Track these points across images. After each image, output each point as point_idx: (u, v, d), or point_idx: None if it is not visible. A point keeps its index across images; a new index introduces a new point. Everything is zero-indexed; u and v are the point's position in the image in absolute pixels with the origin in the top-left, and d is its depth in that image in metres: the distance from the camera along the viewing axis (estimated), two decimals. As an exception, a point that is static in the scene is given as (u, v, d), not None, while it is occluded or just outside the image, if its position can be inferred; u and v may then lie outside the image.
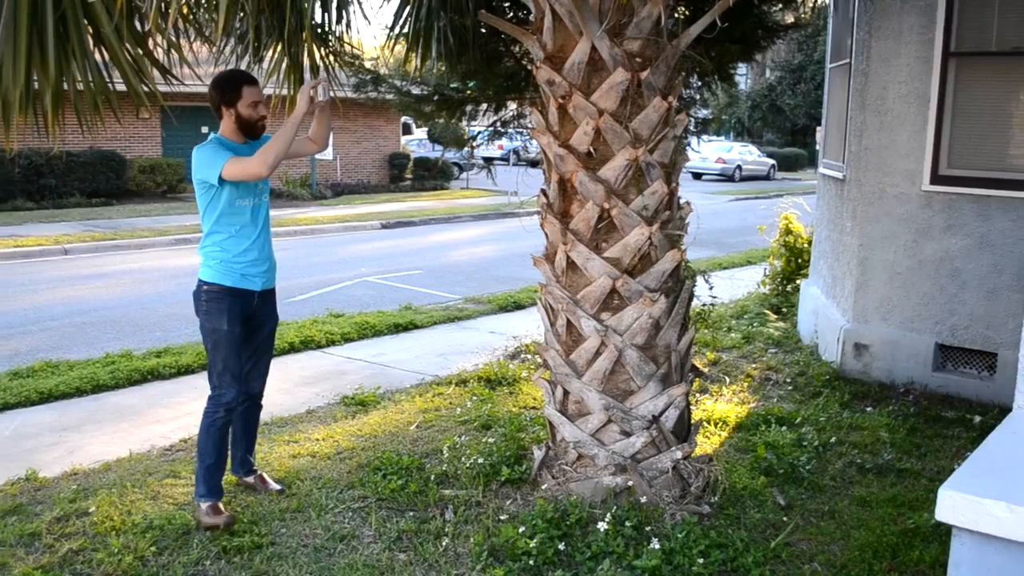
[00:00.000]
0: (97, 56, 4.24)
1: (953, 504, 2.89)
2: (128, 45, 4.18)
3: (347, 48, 6.03)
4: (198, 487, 4.55)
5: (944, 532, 4.00)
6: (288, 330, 8.58)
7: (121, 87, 4.41)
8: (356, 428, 5.95)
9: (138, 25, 4.61)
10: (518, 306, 10.45)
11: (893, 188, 6.83)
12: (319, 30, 5.58)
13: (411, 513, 4.58)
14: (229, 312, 4.45)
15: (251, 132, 4.50)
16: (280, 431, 5.91)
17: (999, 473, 3.07)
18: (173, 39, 4.75)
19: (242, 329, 4.54)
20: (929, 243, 6.69)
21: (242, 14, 4.87)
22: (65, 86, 4.10)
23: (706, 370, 7.23)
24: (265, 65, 5.46)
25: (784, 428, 5.81)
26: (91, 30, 4.14)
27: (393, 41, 6.21)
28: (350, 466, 5.23)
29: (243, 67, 5.30)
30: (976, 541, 2.89)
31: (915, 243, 6.76)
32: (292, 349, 8.21)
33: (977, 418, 6.07)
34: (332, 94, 4.68)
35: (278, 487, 4.92)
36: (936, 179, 6.63)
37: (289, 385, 7.10)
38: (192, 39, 5.12)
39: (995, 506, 2.80)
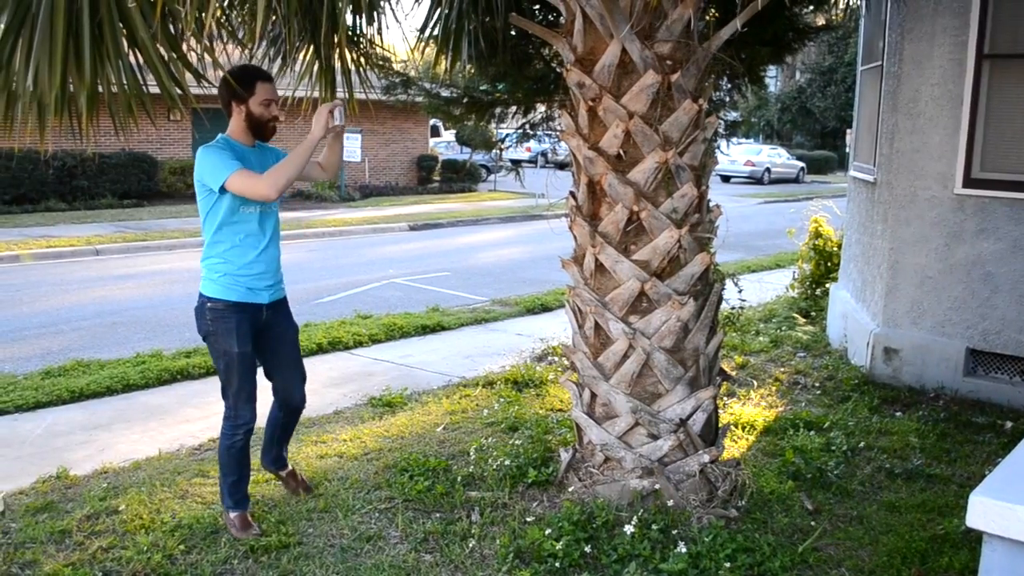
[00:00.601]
0: (132, 59, 4.28)
1: (984, 510, 2.86)
2: (162, 48, 4.21)
3: (377, 50, 6.06)
4: (224, 498, 4.45)
5: (974, 538, 3.96)
6: (316, 331, 8.63)
7: (154, 89, 4.43)
8: (383, 429, 5.97)
9: (171, 28, 4.66)
10: (545, 308, 10.45)
11: (925, 191, 6.77)
12: (350, 33, 5.61)
13: (437, 514, 4.59)
14: (238, 331, 4.18)
15: (261, 133, 4.27)
16: (308, 432, 5.94)
17: (1031, 480, 3.03)
18: (207, 43, 4.78)
19: (254, 345, 4.30)
20: (961, 247, 6.63)
21: (274, 17, 4.90)
22: (100, 88, 4.15)
23: (734, 374, 7.20)
24: (297, 68, 5.49)
25: (812, 432, 5.77)
26: (126, 32, 4.18)
27: (423, 43, 6.22)
28: (377, 467, 5.25)
29: (274, 70, 5.34)
30: (1007, 547, 2.86)
31: (947, 247, 6.70)
32: (320, 350, 8.24)
33: (1009, 424, 6.02)
34: (346, 117, 4.46)
35: (308, 485, 4.90)
36: (969, 182, 6.57)
37: (317, 386, 7.12)
38: (225, 41, 5.16)
39: (1028, 513, 2.77)
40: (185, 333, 9.22)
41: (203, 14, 4.08)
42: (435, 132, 35.11)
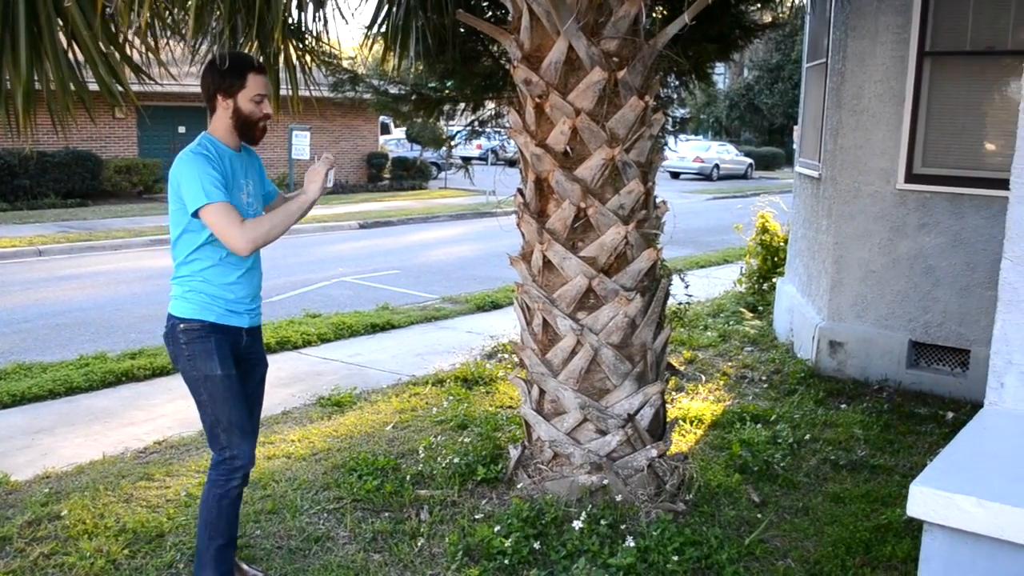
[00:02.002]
0: (72, 55, 4.20)
1: (924, 499, 2.91)
2: (102, 44, 4.13)
3: (324, 47, 6.01)
4: (204, 569, 3.73)
5: (916, 527, 4.03)
6: (264, 331, 8.52)
7: (95, 87, 4.34)
8: (332, 429, 5.93)
9: (112, 25, 4.58)
10: (496, 305, 10.45)
11: (868, 187, 6.87)
12: (295, 29, 5.55)
13: (386, 514, 4.57)
14: (219, 351, 3.59)
15: (249, 134, 3.65)
16: (256, 432, 5.87)
17: (969, 469, 3.09)
18: (147, 38, 4.70)
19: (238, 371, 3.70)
20: (903, 241, 6.74)
21: (217, 13, 4.83)
22: (38, 85, 4.07)
23: (682, 368, 7.25)
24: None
25: (759, 426, 5.84)
26: (64, 28, 4.10)
27: (371, 40, 6.18)
28: (325, 467, 5.21)
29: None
30: (947, 536, 2.91)
31: (890, 241, 6.80)
32: (268, 350, 8.07)
33: (950, 414, 6.13)
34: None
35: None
36: (911, 177, 6.68)
37: (265, 387, 7.05)
38: (167, 38, 5.08)
39: (965, 501, 2.81)
40: (131, 334, 9.09)
41: (141, 10, 4.01)
42: (385, 130, 34.98)
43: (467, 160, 30.16)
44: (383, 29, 6.04)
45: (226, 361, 3.61)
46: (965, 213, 6.46)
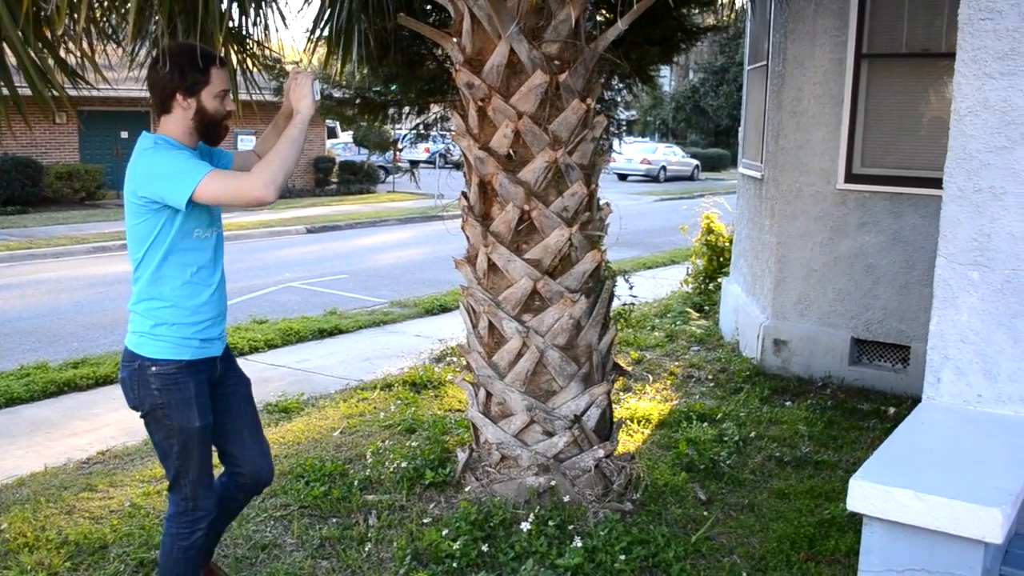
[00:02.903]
0: (6, 60, 4.12)
1: (863, 494, 2.97)
2: (31, 50, 4.06)
3: (266, 51, 5.97)
4: None
5: (859, 521, 4.08)
6: (210, 337, 8.44)
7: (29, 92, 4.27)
8: (279, 435, 5.88)
9: (47, 29, 4.51)
10: (444, 309, 10.44)
11: (809, 187, 6.98)
12: (236, 33, 5.51)
13: (334, 519, 4.55)
14: (199, 398, 3.19)
15: (213, 133, 3.26)
16: (202, 440, 5.81)
17: (907, 462, 3.15)
18: (84, 43, 4.63)
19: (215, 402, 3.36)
20: (844, 240, 6.85)
21: (157, 17, 4.78)
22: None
23: (630, 369, 7.29)
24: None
25: (705, 424, 5.90)
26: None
27: (314, 44, 6.15)
28: (273, 473, 5.17)
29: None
30: (885, 529, 2.97)
31: (831, 240, 6.91)
32: (215, 356, 8.06)
33: (892, 409, 6.24)
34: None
35: None
36: (850, 178, 6.80)
37: (254, 404, 6.98)
38: (104, 43, 5.02)
39: (903, 494, 2.88)
40: (73, 343, 8.95)
41: (76, 14, 3.95)
42: (332, 134, 34.73)
43: (415, 164, 30.04)
44: (326, 33, 6.00)
45: (205, 408, 3.23)
46: (904, 212, 6.59)
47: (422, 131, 8.21)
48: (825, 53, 6.81)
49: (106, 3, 4.92)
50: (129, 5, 3.79)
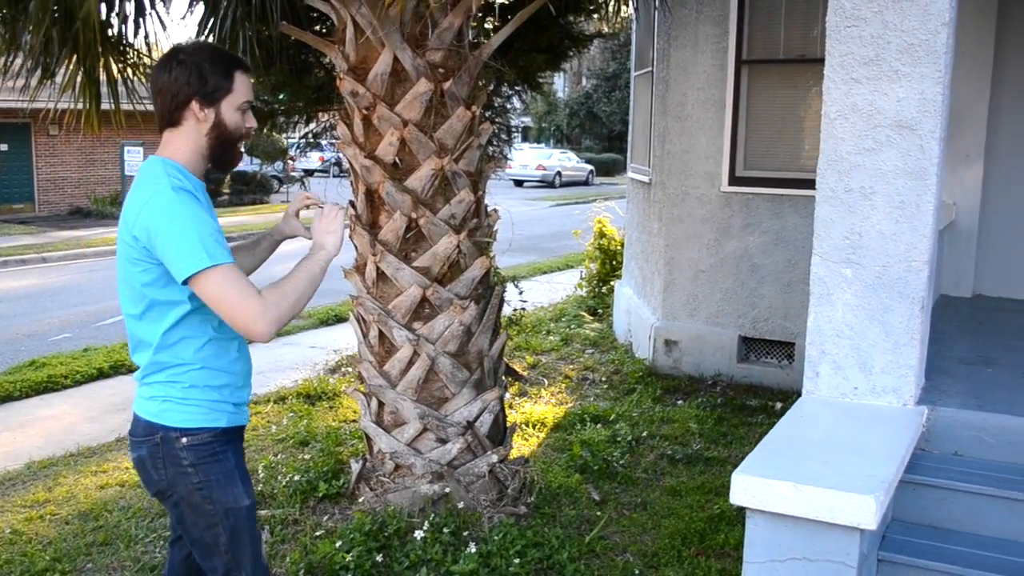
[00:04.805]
0: None
1: (745, 487, 3.05)
2: None
3: (147, 60, 5.84)
4: None
5: (745, 515, 4.20)
6: (97, 355, 8.22)
7: None
8: (169, 452, 5.73)
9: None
10: (339, 319, 10.33)
11: (695, 190, 7.14)
12: (115, 42, 5.38)
13: (226, 536, 4.46)
14: (240, 469, 2.66)
15: (227, 156, 2.70)
16: (87, 461, 5.65)
17: (787, 455, 3.25)
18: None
19: None
20: (730, 241, 7.03)
21: (31, 27, 4.64)
22: None
23: (525, 373, 7.35)
24: (59, 80, 5.22)
25: (599, 426, 5.98)
26: None
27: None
28: (162, 492, 5.04)
29: (33, 82, 5.04)
30: (767, 520, 3.06)
31: (717, 242, 7.08)
32: (101, 375, 7.84)
33: (779, 405, 6.42)
34: None
35: None
36: (734, 180, 6.98)
37: (98, 413, 6.80)
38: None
39: (782, 486, 2.96)
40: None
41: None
42: (223, 143, 34.02)
43: (309, 172, 29.75)
44: (210, 40, 5.90)
45: (249, 482, 2.68)
46: (785, 213, 6.79)
47: (311, 140, 8.13)
48: (707, 59, 6.98)
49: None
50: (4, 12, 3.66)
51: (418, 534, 4.22)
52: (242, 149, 2.76)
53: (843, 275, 3.76)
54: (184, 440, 2.53)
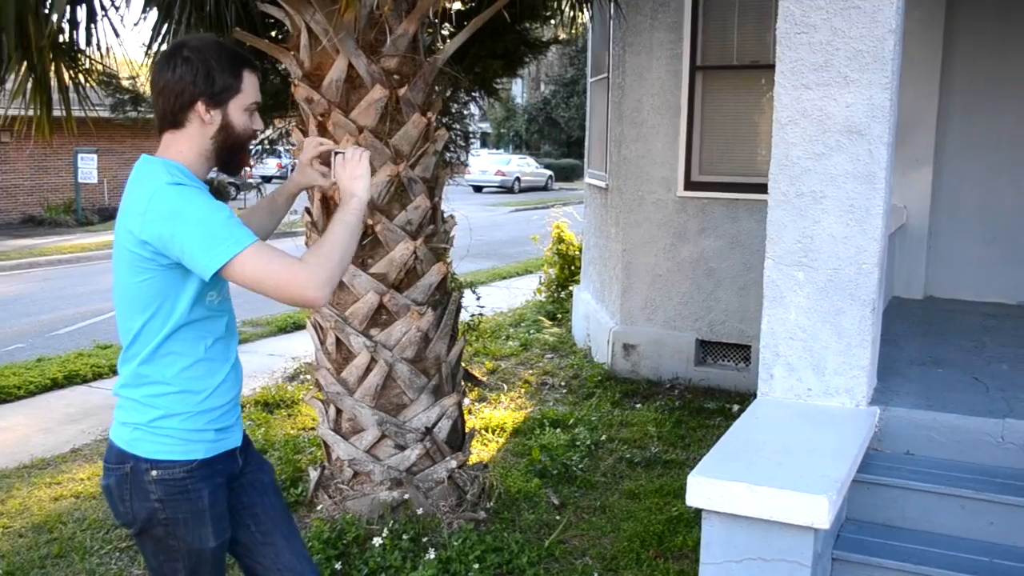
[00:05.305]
0: None
1: (701, 489, 3.08)
2: None
3: (101, 67, 5.78)
4: None
5: (702, 517, 4.24)
6: (51, 365, 8.10)
7: None
8: (124, 463, 5.67)
9: None
10: (297, 326, 10.27)
11: (651, 195, 7.19)
12: (67, 47, 5.32)
13: (183, 546, 4.42)
14: (213, 509, 2.42)
15: (234, 160, 2.54)
16: (41, 473, 5.57)
17: (741, 457, 3.28)
18: None
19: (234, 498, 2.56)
20: (686, 246, 7.09)
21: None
22: None
23: (485, 379, 7.36)
24: (8, 86, 5.16)
25: (559, 430, 6.00)
26: None
27: (152, 59, 5.98)
28: (117, 503, 4.99)
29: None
30: (723, 521, 3.09)
31: (673, 246, 7.14)
32: (55, 385, 7.73)
33: (736, 407, 6.48)
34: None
35: None
36: (689, 185, 7.04)
37: (52, 424, 6.71)
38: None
39: (737, 487, 3.00)
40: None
41: None
42: (179, 150, 33.72)
43: (266, 179, 29.59)
44: (164, 47, 5.85)
45: (222, 521, 2.46)
46: (740, 217, 6.86)
47: (268, 147, 8.09)
48: (662, 65, 7.04)
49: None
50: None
51: (377, 541, 4.21)
52: (250, 152, 2.56)
53: (795, 278, 3.81)
54: (154, 473, 2.34)
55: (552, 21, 8.05)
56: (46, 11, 4.52)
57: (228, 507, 2.49)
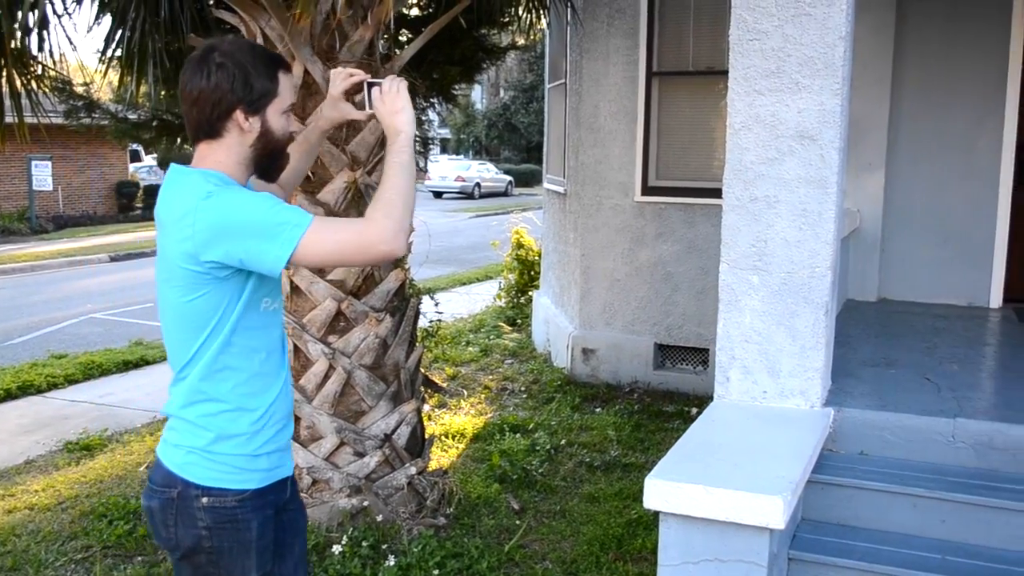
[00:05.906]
0: None
1: (658, 492, 3.10)
2: None
3: (54, 73, 5.71)
4: None
5: (661, 520, 4.28)
6: (4, 376, 7.98)
7: None
8: (80, 475, 5.61)
9: None
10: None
11: (609, 200, 7.23)
12: (18, 54, 5.25)
13: (140, 558, 4.38)
14: (260, 541, 2.30)
15: (274, 166, 2.37)
16: (-6, 485, 5.49)
17: (697, 459, 3.32)
18: None
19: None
20: (644, 250, 7.13)
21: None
22: None
23: (445, 385, 7.35)
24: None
25: (519, 435, 6.01)
26: None
27: (107, 65, 5.92)
28: (72, 515, 4.93)
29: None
30: (680, 523, 3.11)
31: (631, 251, 7.18)
32: (9, 396, 7.60)
33: (694, 410, 6.52)
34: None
35: None
36: (647, 190, 7.09)
37: (5, 435, 6.60)
38: None
39: (694, 489, 3.03)
40: None
41: None
42: (135, 157, 33.35)
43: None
44: (118, 53, 5.80)
45: (265, 554, 2.32)
46: (697, 221, 6.92)
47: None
48: (619, 71, 7.09)
49: None
50: None
51: (336, 549, 4.19)
52: (288, 157, 2.43)
53: (750, 282, 3.85)
54: (205, 500, 2.22)
55: (510, 27, 8.09)
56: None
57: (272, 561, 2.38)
